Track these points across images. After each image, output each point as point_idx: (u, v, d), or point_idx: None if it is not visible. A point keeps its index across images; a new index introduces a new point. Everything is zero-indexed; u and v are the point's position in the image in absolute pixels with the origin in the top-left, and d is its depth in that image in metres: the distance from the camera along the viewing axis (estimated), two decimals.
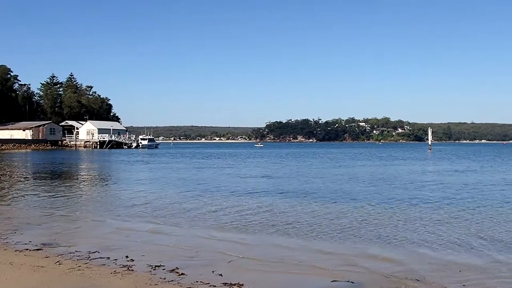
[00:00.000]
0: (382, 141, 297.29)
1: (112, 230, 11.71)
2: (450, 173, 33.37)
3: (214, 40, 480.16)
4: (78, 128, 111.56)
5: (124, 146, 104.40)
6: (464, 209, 15.37)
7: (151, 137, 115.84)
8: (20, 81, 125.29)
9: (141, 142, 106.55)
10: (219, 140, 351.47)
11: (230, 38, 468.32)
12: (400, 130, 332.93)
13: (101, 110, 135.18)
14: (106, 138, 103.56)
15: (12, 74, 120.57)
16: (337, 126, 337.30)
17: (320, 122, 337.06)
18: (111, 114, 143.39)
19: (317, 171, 35.24)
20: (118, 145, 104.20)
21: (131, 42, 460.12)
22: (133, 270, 7.83)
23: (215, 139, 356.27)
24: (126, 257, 8.76)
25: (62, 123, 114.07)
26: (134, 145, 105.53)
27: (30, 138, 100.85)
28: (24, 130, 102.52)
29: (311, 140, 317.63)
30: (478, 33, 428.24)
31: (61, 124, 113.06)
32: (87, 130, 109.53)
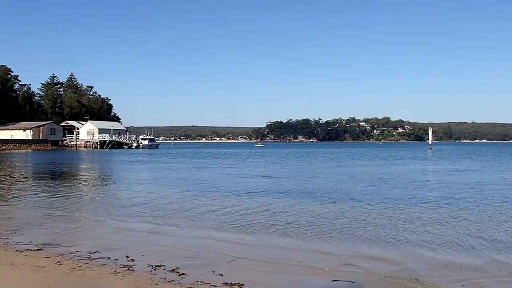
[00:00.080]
0: (382, 140, 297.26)
1: (112, 230, 11.73)
2: (450, 172, 33.37)
3: (214, 40, 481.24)
4: (78, 128, 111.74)
5: (124, 146, 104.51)
6: (463, 208, 15.38)
7: (152, 137, 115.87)
8: (20, 81, 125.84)
9: (141, 142, 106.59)
10: (220, 140, 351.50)
11: (230, 38, 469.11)
12: (400, 130, 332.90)
13: (101, 110, 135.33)
14: (107, 138, 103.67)
15: (12, 74, 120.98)
16: (337, 126, 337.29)
17: (320, 122, 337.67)
18: (112, 114, 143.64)
19: (317, 171, 35.25)
20: (119, 145, 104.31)
21: (131, 42, 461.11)
22: (133, 270, 7.84)
23: (216, 139, 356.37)
24: (127, 257, 8.77)
25: (63, 123, 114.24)
26: (135, 145, 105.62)
27: (30, 138, 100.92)
28: (24, 130, 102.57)
29: (312, 140, 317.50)
30: (478, 33, 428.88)
31: (61, 124, 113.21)
32: (88, 130, 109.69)
